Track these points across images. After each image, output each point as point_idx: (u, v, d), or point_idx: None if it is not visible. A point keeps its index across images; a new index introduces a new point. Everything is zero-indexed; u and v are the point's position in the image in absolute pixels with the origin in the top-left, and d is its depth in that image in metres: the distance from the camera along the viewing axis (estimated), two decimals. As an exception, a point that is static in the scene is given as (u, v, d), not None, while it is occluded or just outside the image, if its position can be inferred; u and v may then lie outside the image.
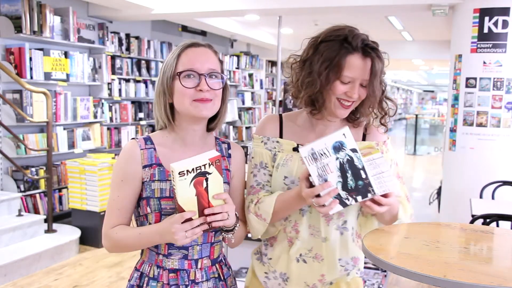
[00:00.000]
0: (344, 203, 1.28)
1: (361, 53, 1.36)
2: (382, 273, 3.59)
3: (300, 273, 1.47)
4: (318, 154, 1.26)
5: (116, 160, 1.46)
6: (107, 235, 1.39)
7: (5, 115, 4.56)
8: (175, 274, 1.39)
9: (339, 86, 1.37)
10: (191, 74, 1.35)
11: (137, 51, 6.56)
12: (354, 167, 1.27)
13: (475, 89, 4.48)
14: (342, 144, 1.26)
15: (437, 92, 33.40)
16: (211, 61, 1.38)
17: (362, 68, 1.36)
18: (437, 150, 12.76)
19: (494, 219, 2.71)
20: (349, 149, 1.26)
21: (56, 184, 5.05)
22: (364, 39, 1.37)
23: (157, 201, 1.35)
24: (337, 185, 1.27)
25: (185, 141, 1.43)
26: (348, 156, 1.26)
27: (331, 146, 1.26)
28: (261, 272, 1.54)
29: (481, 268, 1.12)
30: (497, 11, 4.35)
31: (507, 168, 4.39)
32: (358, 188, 1.27)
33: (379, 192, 1.27)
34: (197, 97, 1.34)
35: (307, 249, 1.46)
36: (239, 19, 7.64)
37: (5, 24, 4.54)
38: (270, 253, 1.51)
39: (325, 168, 1.26)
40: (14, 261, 3.80)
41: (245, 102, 9.31)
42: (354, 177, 1.27)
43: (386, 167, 1.28)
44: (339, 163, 1.27)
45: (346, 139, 1.26)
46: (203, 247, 1.41)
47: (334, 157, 1.26)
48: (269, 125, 1.52)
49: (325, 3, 5.16)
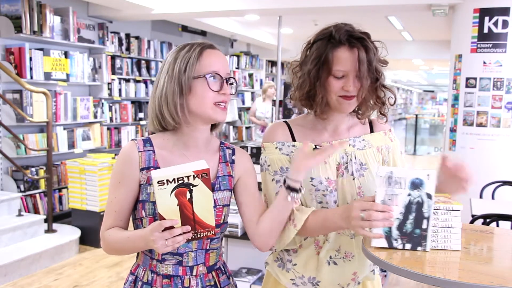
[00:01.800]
0: (391, 243, 1.22)
1: (348, 45, 1.36)
2: (382, 273, 3.59)
3: (332, 276, 1.46)
4: (394, 180, 1.20)
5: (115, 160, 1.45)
6: (102, 236, 1.37)
7: (5, 115, 4.56)
8: (169, 280, 1.36)
9: (333, 82, 1.37)
10: (215, 76, 1.33)
11: (137, 51, 6.56)
12: (420, 212, 1.20)
13: (475, 89, 4.48)
14: (421, 184, 1.19)
15: (437, 92, 33.39)
16: (228, 65, 1.39)
17: (352, 60, 1.35)
18: (437, 150, 12.76)
19: (494, 219, 2.71)
20: (425, 192, 1.20)
21: (56, 184, 5.05)
22: (349, 31, 1.37)
23: (151, 205, 1.32)
24: (395, 221, 1.21)
25: (186, 144, 1.39)
26: (421, 198, 1.20)
27: (410, 179, 1.20)
28: (287, 279, 1.51)
29: (481, 268, 1.12)
30: (497, 11, 4.35)
31: (507, 168, 4.39)
32: (412, 235, 1.21)
33: (436, 246, 1.22)
34: (218, 100, 1.33)
35: (335, 250, 1.45)
36: (239, 19, 7.64)
37: (5, 24, 4.54)
38: (295, 259, 1.49)
39: (392, 197, 1.20)
40: (14, 261, 3.80)
41: (245, 102, 9.30)
42: (415, 223, 1.20)
43: (458, 224, 1.23)
44: (409, 201, 1.20)
45: (428, 181, 1.19)
46: (198, 253, 1.38)
47: (407, 192, 1.20)
48: (279, 131, 1.50)
49: (325, 3, 5.16)
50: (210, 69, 1.33)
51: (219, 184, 1.40)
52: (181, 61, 1.32)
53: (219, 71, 1.34)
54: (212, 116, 1.34)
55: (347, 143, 1.46)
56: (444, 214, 1.23)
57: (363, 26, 1.43)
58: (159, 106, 1.34)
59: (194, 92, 1.32)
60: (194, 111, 1.34)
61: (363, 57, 1.35)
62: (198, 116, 1.34)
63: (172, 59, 1.34)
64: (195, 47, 1.34)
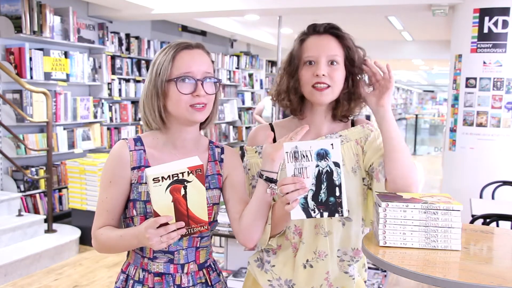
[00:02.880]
0: (309, 214, 1.24)
1: (316, 34, 1.43)
2: (382, 273, 3.59)
3: (307, 279, 1.45)
4: (300, 154, 1.23)
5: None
6: (94, 235, 1.38)
7: (5, 115, 4.56)
8: (160, 278, 1.37)
9: (304, 71, 1.41)
10: (186, 79, 1.32)
11: (137, 51, 6.56)
12: (331, 181, 1.23)
13: (475, 89, 4.48)
14: (326, 153, 1.22)
15: (437, 92, 33.39)
16: (205, 63, 1.36)
17: (320, 45, 1.41)
18: (437, 150, 12.77)
19: (494, 219, 2.71)
20: (332, 161, 1.22)
21: (56, 184, 5.05)
22: (316, 25, 1.43)
23: (143, 204, 1.34)
24: (309, 192, 1.23)
25: (175, 144, 1.40)
26: (329, 167, 1.22)
27: (315, 151, 1.22)
28: (264, 280, 1.50)
29: (481, 268, 1.12)
30: (497, 11, 4.35)
31: (507, 168, 4.39)
32: (328, 203, 1.23)
33: (436, 246, 1.23)
34: (193, 102, 1.32)
35: (313, 251, 1.44)
36: (239, 19, 7.64)
37: (5, 24, 4.54)
38: (274, 260, 1.49)
39: (302, 171, 1.23)
40: (14, 261, 3.80)
41: (245, 102, 9.30)
42: (328, 191, 1.23)
43: (458, 224, 1.23)
44: (318, 171, 1.23)
45: (333, 150, 1.22)
46: (188, 251, 1.39)
47: (315, 164, 1.22)
48: (261, 134, 1.52)
49: (325, 3, 5.16)
50: (181, 71, 1.32)
51: (208, 183, 1.41)
52: (158, 64, 1.34)
53: (192, 73, 1.33)
54: (189, 118, 1.34)
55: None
56: (444, 214, 1.23)
57: (363, 26, 1.44)
58: (143, 107, 1.38)
59: (170, 96, 1.33)
60: (172, 114, 1.35)
61: (333, 42, 1.41)
62: (177, 118, 1.36)
63: (153, 62, 1.37)
64: (169, 49, 1.35)
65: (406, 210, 1.24)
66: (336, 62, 1.40)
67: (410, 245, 1.24)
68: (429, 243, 1.23)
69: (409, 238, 1.24)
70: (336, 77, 1.39)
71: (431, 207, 1.23)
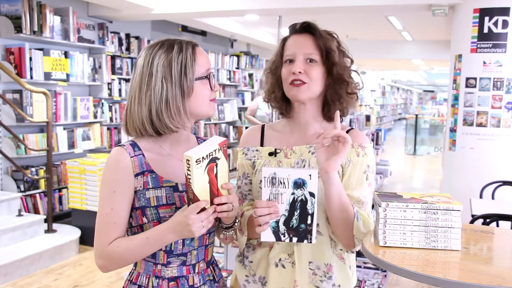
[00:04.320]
0: (279, 237, 1.28)
1: (295, 34, 1.45)
2: (382, 273, 3.60)
3: (278, 278, 1.43)
4: (278, 180, 1.26)
5: (103, 169, 1.35)
6: (104, 253, 1.29)
7: (5, 115, 4.56)
8: (174, 282, 1.35)
9: (284, 69, 1.44)
10: (210, 75, 1.34)
11: (137, 51, 6.55)
12: (304, 209, 1.26)
13: (475, 89, 4.48)
14: (304, 183, 1.25)
15: (437, 92, 33.41)
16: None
17: (297, 43, 1.44)
18: (437, 150, 12.77)
19: (494, 219, 2.71)
20: (308, 190, 1.25)
21: (56, 184, 5.05)
22: (295, 24, 1.46)
23: (154, 210, 1.29)
24: (281, 217, 1.27)
25: (171, 145, 1.37)
26: (304, 197, 1.26)
27: (293, 179, 1.25)
28: (242, 275, 1.51)
29: (481, 268, 1.12)
30: (497, 11, 4.35)
31: (507, 168, 4.39)
32: (298, 230, 1.27)
33: (436, 246, 1.24)
34: (212, 97, 1.36)
35: (288, 253, 1.43)
36: (239, 19, 7.64)
37: (5, 24, 4.54)
38: (252, 256, 1.49)
39: (277, 196, 1.26)
40: (14, 261, 3.80)
41: (245, 102, 9.30)
42: (300, 218, 1.26)
43: (458, 224, 1.23)
44: (293, 198, 1.26)
45: (310, 181, 1.25)
46: (199, 250, 1.38)
47: (291, 191, 1.26)
48: (250, 136, 1.55)
49: (325, 3, 5.16)
50: (205, 68, 1.34)
51: None
52: (177, 63, 1.29)
53: (209, 69, 1.35)
54: (210, 112, 1.37)
55: (307, 149, 1.44)
56: (444, 214, 1.23)
57: (363, 26, 1.45)
58: (156, 111, 1.28)
59: (196, 94, 1.32)
60: (193, 111, 1.33)
61: (310, 41, 1.42)
62: (196, 115, 1.35)
63: (165, 62, 1.29)
64: (186, 46, 1.32)
65: (406, 210, 1.24)
66: (314, 60, 1.41)
67: (410, 245, 1.24)
68: (429, 243, 1.24)
69: (409, 238, 1.24)
70: (313, 75, 1.40)
71: (431, 207, 1.23)
